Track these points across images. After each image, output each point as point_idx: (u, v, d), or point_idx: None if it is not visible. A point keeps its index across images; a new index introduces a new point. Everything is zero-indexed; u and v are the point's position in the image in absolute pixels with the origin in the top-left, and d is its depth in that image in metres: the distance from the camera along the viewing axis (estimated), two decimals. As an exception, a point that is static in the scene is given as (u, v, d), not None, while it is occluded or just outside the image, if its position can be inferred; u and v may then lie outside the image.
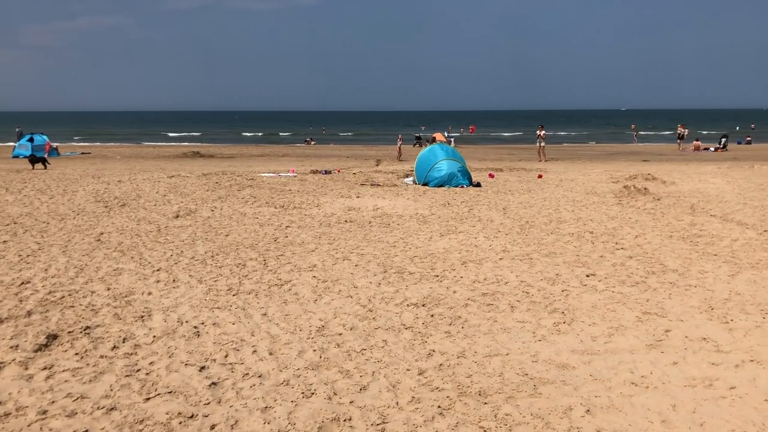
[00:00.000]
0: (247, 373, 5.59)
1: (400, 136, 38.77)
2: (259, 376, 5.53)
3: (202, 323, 6.86)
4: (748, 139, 51.26)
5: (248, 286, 8.32)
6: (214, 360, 5.88)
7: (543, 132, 34.05)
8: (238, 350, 6.13)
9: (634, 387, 5.30)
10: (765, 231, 11.79)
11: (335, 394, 5.21)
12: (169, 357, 5.94)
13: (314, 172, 24.14)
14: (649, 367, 5.70)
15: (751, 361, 5.79)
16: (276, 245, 10.80)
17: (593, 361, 5.85)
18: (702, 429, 4.60)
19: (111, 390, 5.23)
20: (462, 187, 19.13)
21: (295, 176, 22.48)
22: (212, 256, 9.93)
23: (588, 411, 4.88)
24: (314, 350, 6.12)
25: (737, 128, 75.57)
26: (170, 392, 5.21)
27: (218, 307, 7.41)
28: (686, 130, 44.91)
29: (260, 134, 78.39)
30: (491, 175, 22.94)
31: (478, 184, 19.77)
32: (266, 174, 22.96)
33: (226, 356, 5.98)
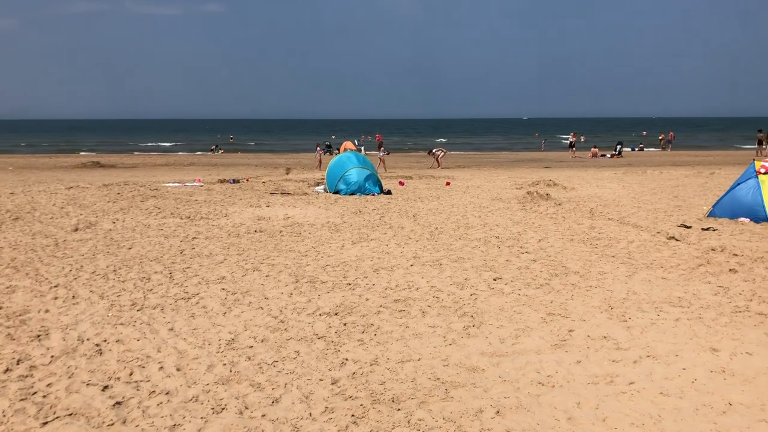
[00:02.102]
0: (154, 391, 5.39)
1: (318, 144, 38.26)
2: (167, 393, 5.35)
3: (105, 340, 6.57)
4: (641, 145, 54.27)
5: (153, 300, 8.04)
6: (118, 378, 5.64)
7: (438, 148, 36.86)
8: (143, 367, 5.90)
9: (540, 386, 5.48)
10: (658, 233, 12.50)
11: (246, 408, 5.10)
12: (69, 377, 5.64)
13: (222, 181, 23.63)
14: (554, 366, 5.91)
15: (648, 356, 6.12)
16: (182, 257, 10.49)
17: (502, 363, 6.01)
18: (604, 424, 4.81)
19: (3, 415, 4.91)
20: (373, 194, 19.26)
21: (202, 186, 21.93)
22: (114, 270, 9.53)
23: (498, 412, 5.00)
24: (224, 364, 5.98)
25: (633, 134, 79.82)
26: (70, 414, 4.95)
27: (122, 323, 7.11)
28: (581, 138, 47.02)
29: (165, 143, 76.05)
30: (401, 183, 23.22)
31: (389, 192, 19.96)
32: (171, 184, 22.29)
33: (131, 374, 5.74)
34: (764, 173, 13.98)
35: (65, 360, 6.05)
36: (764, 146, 41.56)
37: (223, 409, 5.08)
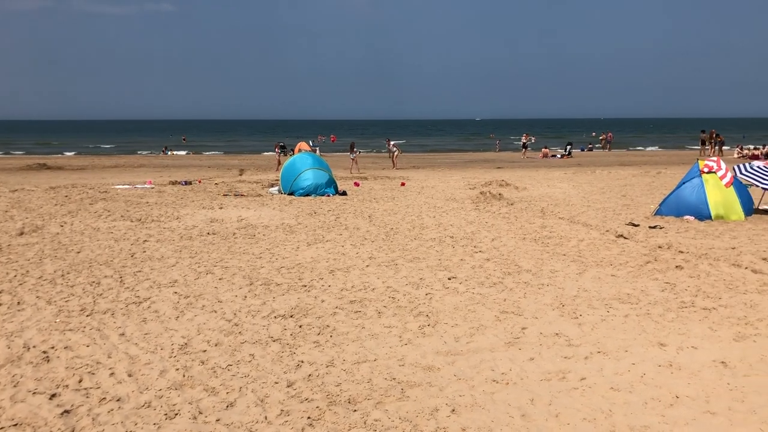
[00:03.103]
0: (105, 398, 5.27)
1: (277, 145, 37.71)
2: (118, 400, 5.23)
3: (52, 347, 6.39)
4: (590, 146, 55.41)
5: (103, 305, 7.85)
6: (67, 386, 5.49)
7: (392, 143, 35.88)
8: (93, 374, 5.76)
9: (495, 384, 5.55)
10: (607, 231, 12.80)
11: (200, 413, 5.03)
12: (14, 386, 5.47)
13: (173, 183, 23.22)
14: (508, 364, 5.99)
15: (599, 352, 6.26)
16: (133, 261, 10.28)
17: (457, 362, 6.06)
18: (557, 419, 4.90)
19: (-55, 428, 4.74)
20: (328, 195, 19.21)
21: (153, 188, 21.52)
22: (62, 275, 9.28)
23: (453, 411, 5.04)
24: (177, 369, 5.88)
25: (584, 135, 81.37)
26: (16, 425, 4.80)
27: (70, 329, 6.93)
28: (531, 139, 47.80)
29: (115, 144, 74.29)
30: (356, 184, 23.22)
31: (344, 193, 19.93)
32: (121, 186, 21.81)
33: (80, 381, 5.60)
34: (708, 172, 14.45)
35: (10, 368, 5.86)
36: (707, 146, 42.96)
37: (176, 414, 5.00)
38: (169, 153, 53.22)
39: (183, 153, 54.58)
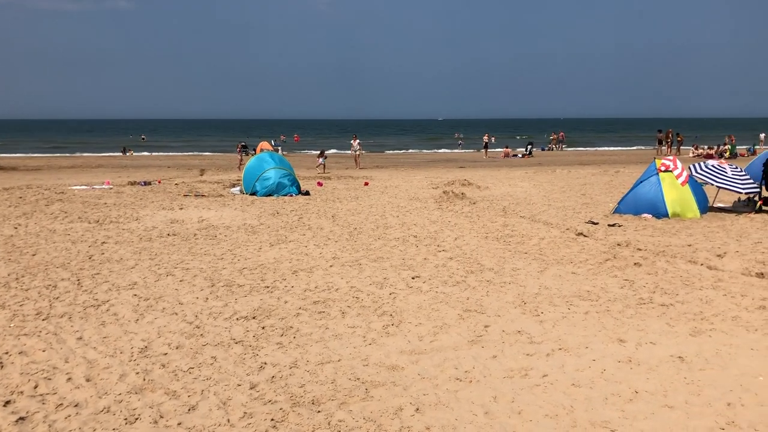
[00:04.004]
0: (61, 404, 5.15)
1: (239, 145, 37.24)
2: (76, 406, 5.11)
3: (6, 353, 6.21)
4: (551, 146, 56.18)
5: (60, 308, 7.67)
6: (22, 392, 5.34)
7: (357, 141, 35.31)
8: (49, 379, 5.62)
9: (458, 382, 5.58)
10: (567, 229, 12.98)
11: (161, 417, 4.95)
12: (-34, 394, 5.30)
13: (132, 183, 22.81)
14: (471, 362, 6.03)
15: (560, 349, 6.34)
16: (91, 263, 10.07)
17: (420, 360, 6.08)
18: (520, 416, 4.95)
19: None
20: (291, 195, 19.09)
21: (111, 188, 21.11)
22: (17, 279, 9.03)
23: (417, 409, 5.05)
24: (137, 373, 5.78)
25: (545, 135, 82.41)
26: (-32, 433, 4.65)
27: (25, 334, 6.75)
28: (492, 138, 48.29)
29: (72, 143, 72.59)
30: (320, 184, 23.13)
31: (307, 193, 19.84)
32: (78, 187, 21.35)
33: (35, 387, 5.46)
34: (664, 171, 14.77)
35: (-38, 375, 5.68)
36: (663, 145, 43.93)
37: (136, 419, 4.91)
38: (128, 153, 52.27)
39: (146, 153, 53.61)
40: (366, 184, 23.41)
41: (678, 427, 4.75)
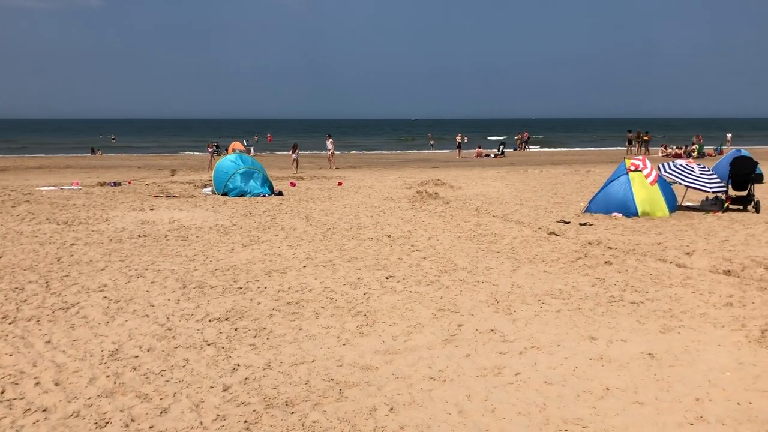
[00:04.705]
0: (29, 409, 5.05)
1: (209, 145, 36.84)
2: (44, 411, 5.02)
3: (-28, 358, 6.08)
4: (522, 146, 56.59)
5: (28, 312, 7.53)
6: (-12, 398, 5.23)
7: (330, 141, 35.21)
8: (17, 384, 5.51)
9: (432, 381, 5.59)
10: (539, 229, 13.10)
11: (133, 420, 4.88)
12: (-70, 400, 5.18)
13: (102, 184, 22.49)
14: (445, 361, 6.05)
15: (532, 347, 6.39)
16: (60, 265, 9.90)
17: (395, 360, 6.08)
18: (493, 414, 4.98)
19: None
20: (263, 196, 18.98)
21: (80, 189, 20.78)
22: (-18, 282, 8.85)
23: (391, 409, 5.06)
24: (107, 376, 5.69)
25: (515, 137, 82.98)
26: (-68, 441, 4.55)
27: (-9, 338, 6.61)
28: (464, 138, 48.53)
29: (36, 144, 71.18)
30: (293, 184, 23.03)
31: (280, 193, 19.74)
32: (46, 187, 20.98)
33: (2, 392, 5.35)
34: (634, 170, 14.98)
35: (-74, 381, 5.55)
36: (633, 145, 44.56)
37: (107, 423, 4.84)
38: (98, 153, 51.50)
39: (121, 154, 52.83)
40: (340, 184, 23.37)
41: (648, 423, 4.82)
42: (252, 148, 45.62)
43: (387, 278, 9.11)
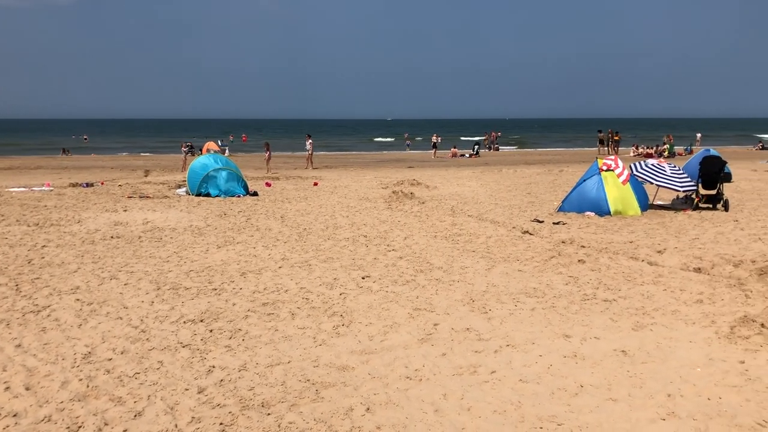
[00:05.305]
0: (-1, 414, 4.97)
1: (183, 145, 36.44)
2: (14, 416, 4.94)
3: (-60, 363, 5.96)
4: (496, 146, 56.97)
5: (-3, 315, 7.40)
6: (-43, 403, 5.13)
7: (309, 141, 35.02)
8: (-14, 389, 5.41)
9: (408, 381, 5.61)
10: (514, 228, 13.20)
11: (106, 424, 4.82)
12: None
13: (74, 185, 22.17)
14: (421, 360, 6.07)
15: (508, 345, 6.44)
16: (30, 267, 9.74)
17: (371, 360, 6.09)
18: (469, 413, 5.01)
19: None
20: (238, 196, 18.86)
21: (52, 190, 20.47)
22: (-50, 285, 8.67)
23: (368, 409, 5.06)
24: (80, 379, 5.62)
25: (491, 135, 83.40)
26: None
27: (-40, 343, 6.48)
28: (440, 139, 48.69)
29: (9, 144, 69.93)
30: (268, 184, 22.91)
31: (255, 193, 19.63)
32: (16, 189, 20.63)
33: (-29, 398, 5.25)
34: (606, 170, 15.16)
35: None
36: (605, 146, 45.07)
37: (79, 427, 4.78)
38: (68, 154, 50.73)
39: (93, 155, 52.06)
40: (315, 184, 23.31)
41: (621, 419, 4.88)
42: (227, 149, 45.32)
43: (363, 278, 9.11)
